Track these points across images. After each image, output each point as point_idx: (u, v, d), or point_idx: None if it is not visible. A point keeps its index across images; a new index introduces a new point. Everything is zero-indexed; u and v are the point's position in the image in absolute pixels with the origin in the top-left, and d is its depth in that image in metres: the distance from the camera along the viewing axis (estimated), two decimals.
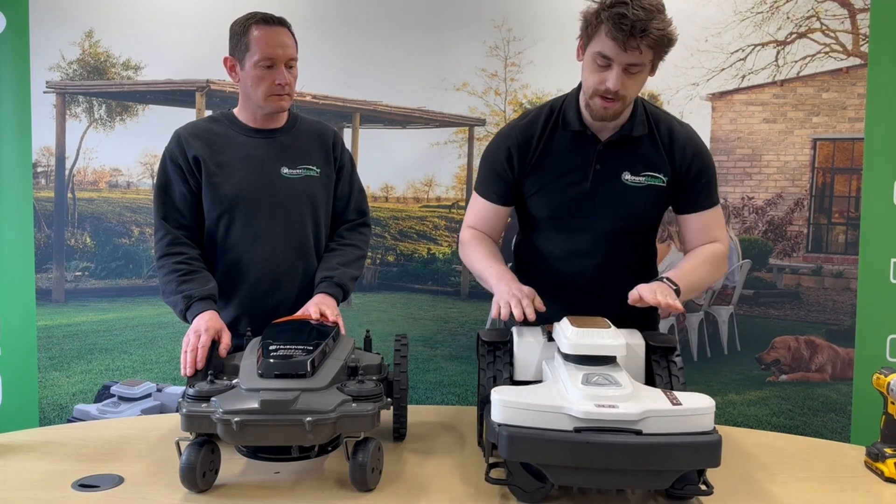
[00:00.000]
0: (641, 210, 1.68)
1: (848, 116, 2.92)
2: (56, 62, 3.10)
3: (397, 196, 3.20)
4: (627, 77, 1.51)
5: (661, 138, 1.66)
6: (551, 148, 1.67)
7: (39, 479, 1.36)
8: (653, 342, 1.44)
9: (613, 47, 1.48)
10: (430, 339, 3.16)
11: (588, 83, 1.57)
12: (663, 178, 1.66)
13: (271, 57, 1.71)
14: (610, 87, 1.51)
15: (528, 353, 1.46)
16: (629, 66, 1.50)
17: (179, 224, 1.78)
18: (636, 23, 1.43)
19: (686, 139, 1.67)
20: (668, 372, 1.39)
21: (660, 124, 1.67)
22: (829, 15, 2.91)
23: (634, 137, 1.64)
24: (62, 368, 3.13)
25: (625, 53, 1.48)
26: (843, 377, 2.96)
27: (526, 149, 1.68)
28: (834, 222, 3.00)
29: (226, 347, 1.57)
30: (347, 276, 1.82)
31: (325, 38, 3.05)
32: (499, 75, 3.07)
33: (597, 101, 1.55)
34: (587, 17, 1.54)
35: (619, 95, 1.53)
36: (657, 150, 1.66)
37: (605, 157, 1.65)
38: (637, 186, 1.65)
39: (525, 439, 1.15)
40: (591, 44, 1.54)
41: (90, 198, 3.18)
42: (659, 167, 1.66)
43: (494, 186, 1.73)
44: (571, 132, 1.66)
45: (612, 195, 1.65)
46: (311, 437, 1.22)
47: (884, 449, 1.40)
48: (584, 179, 1.65)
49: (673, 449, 1.15)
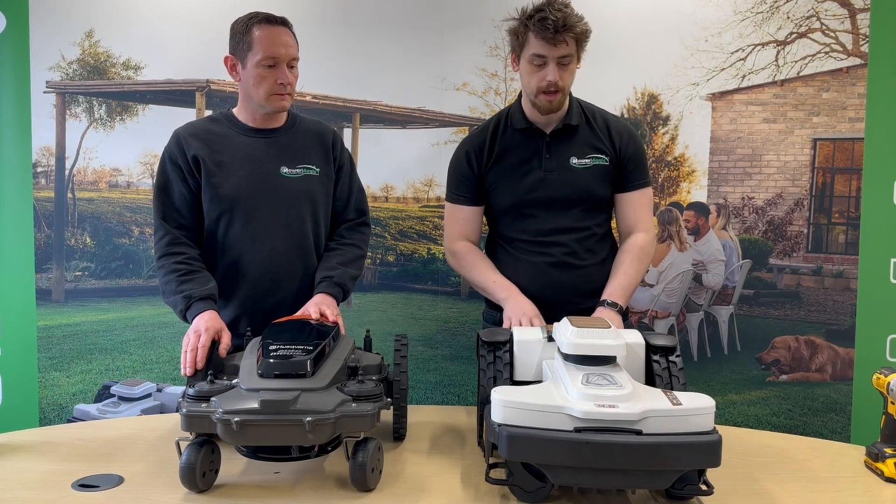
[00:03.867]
0: (591, 187, 1.88)
1: (848, 116, 2.92)
2: (56, 62, 3.10)
3: (397, 196, 3.20)
4: (561, 70, 1.77)
5: (599, 126, 1.91)
6: (505, 146, 1.90)
7: (39, 479, 1.36)
8: (653, 342, 1.44)
9: (544, 45, 1.74)
10: (430, 339, 3.16)
11: (531, 84, 1.80)
12: (605, 159, 1.89)
13: (274, 56, 1.71)
14: (550, 79, 1.76)
15: (528, 353, 1.46)
16: (561, 59, 1.76)
17: (179, 224, 1.78)
18: (558, 21, 1.70)
19: (621, 125, 1.93)
20: (668, 372, 1.39)
21: (595, 115, 1.93)
22: (829, 15, 2.91)
23: (574, 126, 1.88)
24: (62, 368, 3.13)
25: (555, 48, 1.73)
26: (843, 377, 2.96)
27: (481, 151, 1.91)
28: (834, 222, 3.00)
29: (226, 347, 1.57)
30: (347, 276, 1.82)
31: (325, 38, 3.05)
32: (499, 75, 3.07)
33: (541, 97, 1.80)
34: (515, 31, 1.79)
35: (559, 87, 1.77)
36: (596, 135, 1.90)
37: (552, 147, 1.88)
38: (584, 168, 1.88)
39: (525, 439, 1.15)
40: (524, 51, 1.78)
41: (90, 198, 3.18)
42: (601, 149, 1.89)
43: (462, 189, 1.94)
44: (520, 130, 1.89)
45: (564, 178, 1.87)
46: (311, 437, 1.22)
47: (884, 449, 1.40)
48: (538, 167, 1.88)
49: (673, 449, 1.15)
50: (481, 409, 1.47)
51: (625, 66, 2.94)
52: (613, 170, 1.89)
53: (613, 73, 2.93)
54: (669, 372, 1.39)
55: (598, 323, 1.36)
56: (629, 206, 1.92)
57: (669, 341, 1.44)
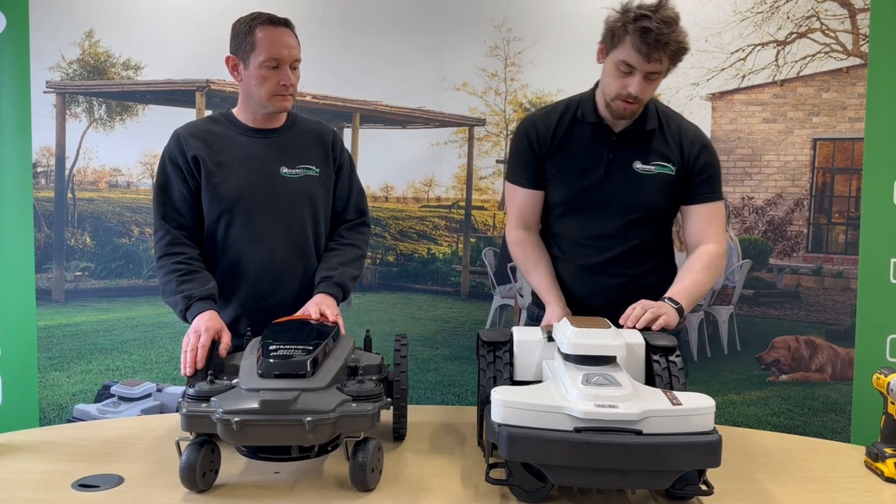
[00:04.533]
0: (651, 196, 1.77)
1: (848, 116, 2.92)
2: (56, 62, 3.11)
3: (397, 196, 3.20)
4: (647, 83, 1.65)
5: (671, 132, 1.78)
6: (570, 137, 1.79)
7: (39, 479, 1.36)
8: (653, 342, 1.44)
9: (637, 58, 1.61)
10: (430, 339, 3.16)
11: (611, 88, 1.68)
12: (672, 168, 1.77)
13: (277, 58, 1.71)
14: (632, 92, 1.64)
15: (528, 353, 1.46)
16: (650, 74, 1.63)
17: (179, 224, 1.78)
18: (659, 36, 1.56)
19: (694, 134, 1.80)
20: (668, 372, 1.39)
21: (670, 120, 1.80)
22: (829, 15, 2.91)
23: (646, 130, 1.76)
24: (62, 368, 3.13)
25: (647, 63, 1.61)
26: (843, 377, 2.96)
27: (545, 134, 1.80)
28: (834, 222, 3.00)
29: (226, 347, 1.57)
30: (347, 276, 1.82)
31: (325, 38, 3.05)
32: (499, 75, 3.07)
33: (618, 103, 1.68)
34: (611, 26, 1.65)
35: (639, 99, 1.67)
36: (667, 142, 1.77)
37: (618, 147, 1.77)
38: (648, 174, 1.76)
39: (525, 439, 1.15)
40: (615, 52, 1.65)
41: (90, 198, 3.18)
42: (668, 157, 1.77)
43: (523, 171, 1.84)
44: (588, 124, 1.78)
45: (624, 182, 1.76)
46: (311, 437, 1.22)
47: (884, 449, 1.40)
48: (599, 166, 1.77)
49: (673, 449, 1.14)
50: (481, 409, 1.47)
51: None
52: (679, 180, 1.77)
53: None
54: (669, 372, 1.39)
55: (598, 323, 1.36)
56: (698, 219, 1.79)
57: (669, 341, 1.44)
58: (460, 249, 3.24)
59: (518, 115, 3.10)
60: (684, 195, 1.80)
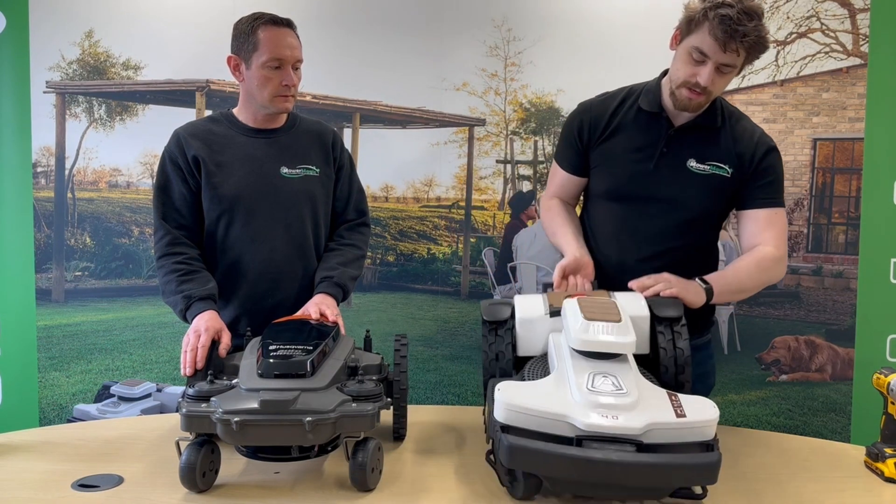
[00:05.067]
0: (700, 197, 1.68)
1: (848, 116, 2.92)
2: (56, 62, 3.10)
3: (397, 196, 3.20)
4: (718, 75, 1.57)
5: (735, 133, 1.69)
6: (624, 125, 1.72)
7: (39, 479, 1.36)
8: (659, 312, 1.41)
9: (713, 46, 1.53)
10: (430, 339, 3.16)
11: (679, 74, 1.61)
12: (728, 170, 1.67)
13: (280, 58, 1.71)
14: (701, 82, 1.57)
15: (531, 331, 1.44)
16: (723, 66, 1.56)
17: (179, 224, 1.78)
18: (740, 26, 1.49)
19: (760, 136, 1.70)
20: (672, 344, 1.37)
21: (735, 120, 1.71)
22: (829, 15, 2.91)
23: (706, 127, 1.68)
24: (62, 368, 3.13)
25: (723, 53, 1.53)
26: (843, 377, 2.96)
27: (598, 122, 1.74)
28: (834, 222, 3.00)
29: (226, 347, 1.57)
30: (347, 276, 1.82)
31: (325, 38, 3.05)
32: (499, 75, 3.07)
33: (684, 91, 1.61)
34: (691, 11, 1.58)
35: (707, 91, 1.58)
36: (727, 143, 1.68)
37: (674, 142, 1.69)
38: (701, 174, 1.67)
39: (526, 451, 1.15)
40: (690, 37, 1.58)
41: (90, 198, 3.18)
42: (725, 159, 1.67)
43: (566, 156, 1.81)
44: (647, 113, 1.71)
45: (673, 179, 1.68)
46: (311, 437, 1.22)
47: (884, 449, 1.40)
48: (649, 159, 1.69)
49: (672, 469, 1.13)
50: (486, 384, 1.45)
51: (625, 65, 2.93)
52: (735, 184, 1.68)
53: (613, 73, 2.93)
54: (674, 344, 1.37)
55: (608, 312, 1.30)
56: (754, 224, 1.68)
57: (675, 311, 1.41)
58: (460, 249, 3.24)
59: (518, 115, 3.10)
60: (741, 199, 1.70)
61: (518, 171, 3.17)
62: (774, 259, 1.66)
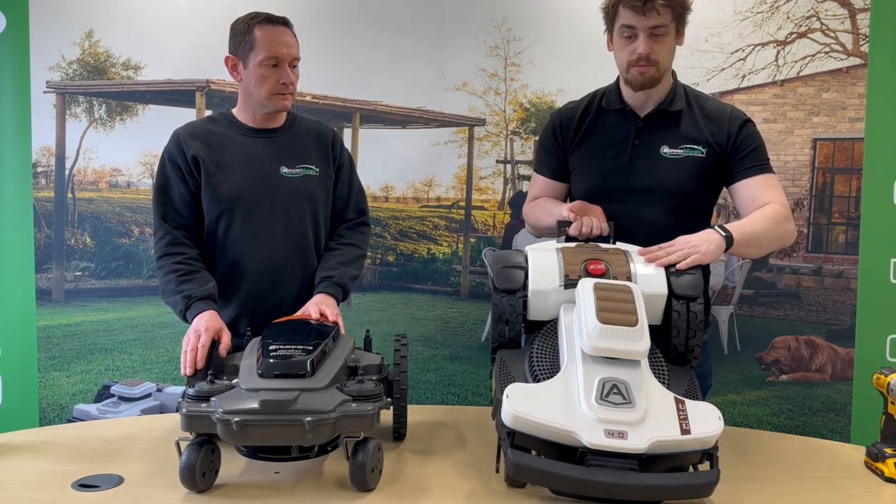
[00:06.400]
0: (679, 180, 1.71)
1: (848, 116, 2.92)
2: (56, 62, 3.10)
3: (397, 196, 3.20)
4: (654, 42, 1.63)
5: (704, 112, 1.73)
6: (594, 127, 1.78)
7: (39, 479, 1.36)
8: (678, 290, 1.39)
9: (633, 15, 1.61)
10: (430, 339, 3.16)
11: (622, 58, 1.68)
12: (702, 150, 1.71)
13: (277, 56, 1.72)
14: (641, 51, 1.63)
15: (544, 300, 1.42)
16: (653, 30, 1.62)
17: (179, 224, 1.78)
18: None
19: (732, 110, 1.74)
20: (686, 324, 1.37)
21: (701, 101, 1.76)
22: (829, 15, 2.91)
23: (673, 112, 1.72)
24: (62, 368, 3.13)
25: (644, 18, 1.60)
26: (843, 377, 2.96)
27: (568, 126, 1.80)
28: (834, 222, 3.00)
29: (226, 347, 1.57)
30: (347, 276, 1.82)
31: (325, 38, 3.05)
32: (499, 75, 3.07)
33: (633, 71, 1.66)
34: (606, 8, 1.68)
35: (652, 60, 1.64)
36: (697, 124, 1.72)
37: (644, 133, 1.73)
38: (675, 158, 1.71)
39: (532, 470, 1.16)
40: (615, 25, 1.67)
41: (90, 198, 3.18)
42: (698, 140, 1.71)
43: (546, 161, 1.86)
44: (613, 112, 1.76)
45: (649, 168, 1.71)
46: (311, 437, 1.22)
47: (884, 449, 1.40)
48: (623, 154, 1.74)
49: (672, 489, 1.16)
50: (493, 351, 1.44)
51: None
52: (715, 164, 1.71)
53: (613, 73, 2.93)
54: (688, 324, 1.37)
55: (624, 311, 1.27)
56: (751, 190, 1.69)
57: (693, 291, 1.39)
58: (460, 249, 3.24)
59: (518, 116, 3.10)
60: (729, 175, 1.72)
61: (518, 171, 3.17)
62: (784, 216, 1.66)
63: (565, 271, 1.42)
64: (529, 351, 1.37)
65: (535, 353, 1.35)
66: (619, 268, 1.42)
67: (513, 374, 1.32)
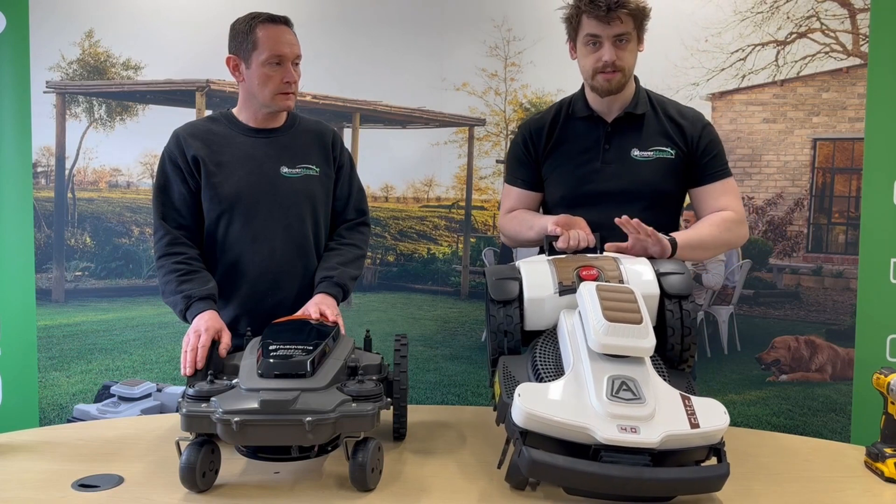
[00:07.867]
0: (652, 181, 1.76)
1: (848, 116, 2.92)
2: (56, 62, 3.11)
3: (397, 196, 3.20)
4: (619, 49, 1.69)
5: (669, 116, 1.80)
6: (564, 136, 1.82)
7: (39, 479, 1.36)
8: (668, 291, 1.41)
9: (597, 24, 1.67)
10: (430, 339, 3.16)
11: (587, 67, 1.73)
12: (671, 151, 1.77)
13: (280, 55, 1.72)
14: (606, 59, 1.68)
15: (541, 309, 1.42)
16: (617, 38, 1.68)
17: (179, 224, 1.78)
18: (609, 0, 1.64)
19: (694, 115, 1.82)
20: (680, 322, 1.39)
21: (665, 105, 1.82)
22: (829, 15, 2.91)
23: (639, 115, 1.78)
24: (62, 368, 3.13)
25: (609, 27, 1.67)
26: (843, 377, 2.96)
27: (539, 135, 1.84)
28: (834, 222, 3.00)
29: (226, 347, 1.57)
30: (347, 276, 1.82)
31: (325, 39, 3.05)
32: (499, 75, 3.07)
33: (599, 78, 1.72)
34: (569, 17, 1.74)
35: (618, 66, 1.69)
36: (663, 126, 1.79)
37: (613, 137, 1.79)
38: (646, 160, 1.77)
39: (547, 466, 1.17)
40: (578, 34, 1.72)
41: (90, 198, 3.18)
42: (665, 141, 1.78)
43: (518, 172, 1.88)
44: (581, 119, 1.81)
45: (621, 171, 1.77)
46: (311, 437, 1.22)
47: (884, 449, 1.40)
48: (595, 159, 1.78)
49: (685, 483, 1.18)
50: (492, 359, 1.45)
51: None
52: (682, 164, 1.78)
53: None
54: (682, 322, 1.39)
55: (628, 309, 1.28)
56: (710, 197, 1.78)
57: (685, 290, 1.41)
58: (460, 249, 3.24)
59: (518, 115, 3.10)
60: (692, 178, 1.80)
61: None
62: (735, 221, 1.76)
63: (559, 278, 1.44)
64: (532, 356, 1.38)
65: (538, 358, 1.36)
66: (611, 272, 1.44)
67: (517, 380, 1.33)
